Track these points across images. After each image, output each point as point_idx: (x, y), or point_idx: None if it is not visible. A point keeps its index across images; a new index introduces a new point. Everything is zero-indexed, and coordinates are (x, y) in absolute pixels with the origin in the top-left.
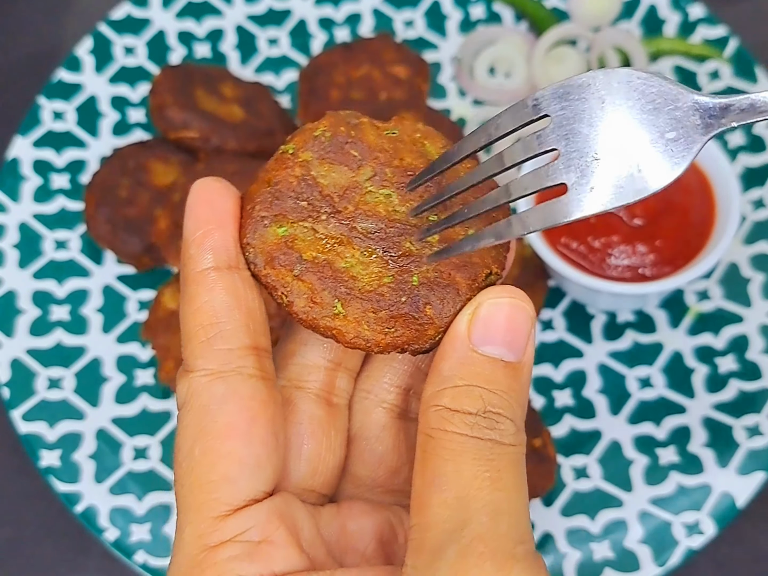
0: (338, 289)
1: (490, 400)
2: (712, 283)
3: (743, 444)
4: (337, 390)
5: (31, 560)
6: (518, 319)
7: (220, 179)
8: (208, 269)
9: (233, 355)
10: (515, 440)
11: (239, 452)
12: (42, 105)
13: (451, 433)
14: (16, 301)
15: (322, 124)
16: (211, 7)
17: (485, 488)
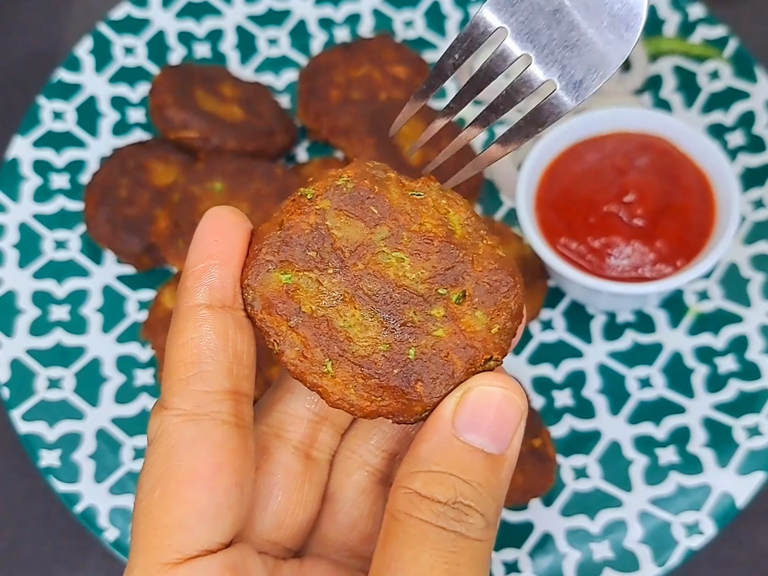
0: (331, 348)
1: (463, 491)
2: (712, 283)
3: (743, 444)
4: (318, 444)
5: (30, 560)
6: (507, 411)
7: (236, 211)
8: (201, 305)
9: (209, 398)
10: (482, 535)
11: (199, 500)
12: (42, 105)
13: (416, 518)
14: (15, 301)
15: (347, 173)
16: (211, 7)
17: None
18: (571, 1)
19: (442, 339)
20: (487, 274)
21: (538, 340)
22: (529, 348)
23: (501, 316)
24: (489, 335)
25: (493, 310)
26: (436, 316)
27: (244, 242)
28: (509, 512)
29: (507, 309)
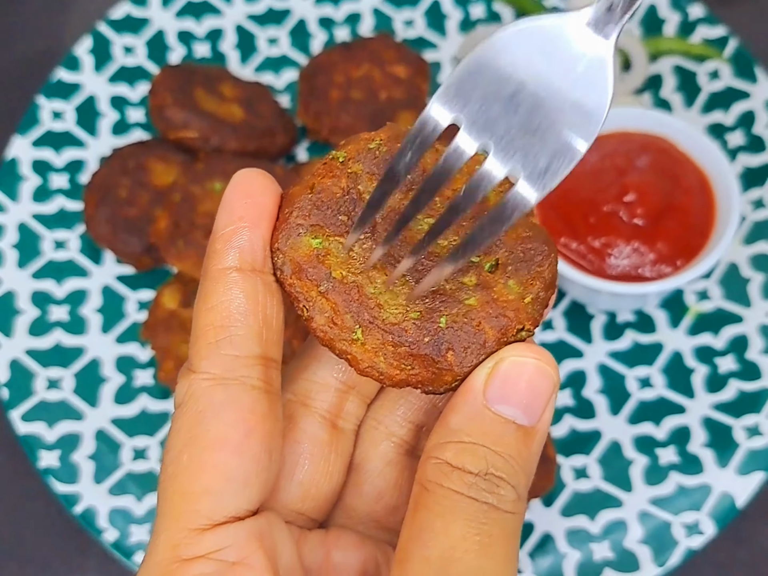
0: (362, 314)
1: (495, 462)
2: (712, 283)
3: (743, 444)
4: (345, 413)
5: (30, 561)
6: (540, 382)
7: (265, 173)
8: (230, 268)
9: (239, 363)
10: (514, 508)
11: (228, 466)
12: (41, 104)
13: (447, 489)
14: (15, 302)
15: (379, 137)
16: (211, 7)
17: (472, 552)
18: (530, 79)
19: (474, 308)
20: (520, 243)
21: (538, 340)
22: None
23: (534, 286)
24: (522, 305)
25: (526, 279)
26: (468, 284)
27: (274, 205)
28: None
29: (541, 278)
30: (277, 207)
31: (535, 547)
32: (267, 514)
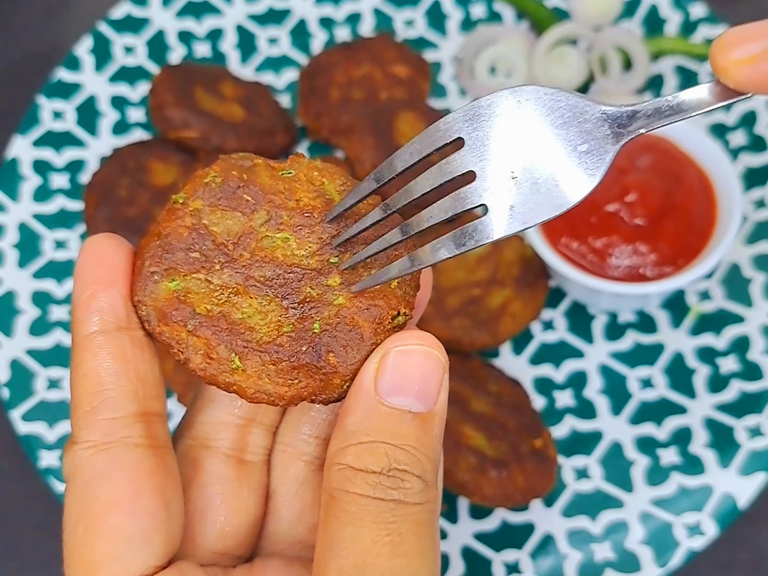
0: (235, 342)
1: (396, 456)
2: (714, 284)
3: (744, 445)
4: (250, 447)
5: (30, 560)
6: (428, 367)
7: (112, 235)
8: (95, 333)
9: (118, 425)
10: (422, 498)
11: (122, 528)
12: (41, 104)
13: (353, 494)
14: (15, 301)
15: (213, 170)
16: (211, 7)
17: (384, 555)
18: (537, 133)
19: (344, 306)
20: (380, 228)
21: (539, 341)
22: (531, 348)
23: None
24: (390, 290)
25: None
26: (333, 285)
27: (126, 262)
28: (511, 513)
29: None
30: (130, 264)
31: (536, 548)
32: (178, 565)
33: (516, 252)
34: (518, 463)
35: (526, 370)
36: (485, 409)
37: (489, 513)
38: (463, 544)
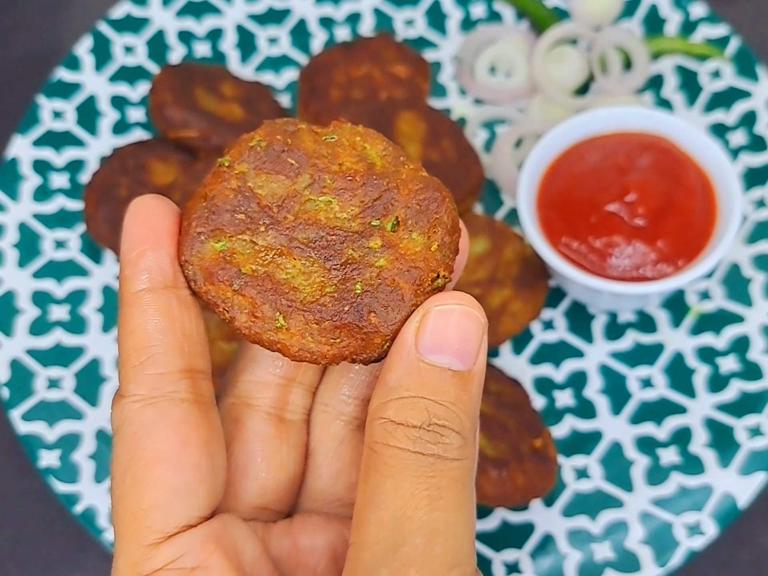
0: (279, 301)
1: (436, 411)
2: (714, 283)
3: (744, 444)
4: (290, 406)
5: (30, 560)
6: (468, 327)
7: (159, 196)
8: (143, 290)
9: (165, 380)
10: (460, 454)
11: (169, 479)
12: (41, 104)
13: (393, 447)
14: (15, 301)
15: (258, 134)
16: (211, 6)
17: (422, 508)
18: None
19: (385, 268)
20: (414, 196)
21: (539, 340)
22: (531, 348)
23: (437, 233)
24: (430, 253)
25: (428, 228)
26: (374, 247)
27: (173, 223)
28: (510, 513)
29: (441, 224)
30: (177, 224)
31: (536, 548)
32: (221, 516)
33: (516, 252)
34: (518, 462)
35: (526, 369)
36: (485, 409)
37: (489, 513)
38: None
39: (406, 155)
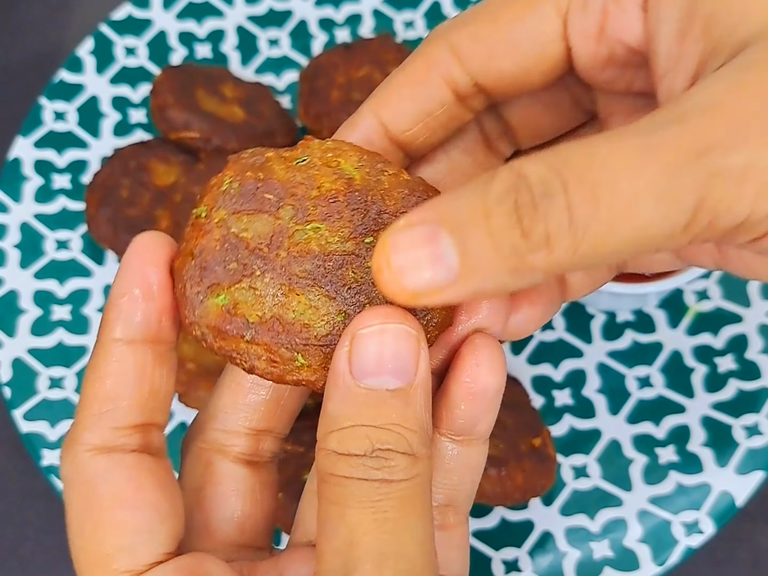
0: (294, 341)
1: (378, 437)
2: (712, 283)
3: (742, 443)
4: (261, 452)
5: (32, 560)
6: (396, 342)
7: (163, 236)
8: (120, 340)
9: (119, 434)
10: (409, 473)
11: (129, 521)
12: (43, 105)
13: (338, 476)
14: (17, 301)
15: (227, 175)
16: (212, 8)
17: (370, 533)
18: None
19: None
20: (402, 203)
21: (537, 340)
22: (529, 348)
23: None
24: None
25: None
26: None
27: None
28: (509, 511)
29: None
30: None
31: (534, 546)
32: (196, 554)
33: None
34: (517, 461)
35: (525, 369)
36: None
37: (488, 511)
38: None
39: (384, 159)
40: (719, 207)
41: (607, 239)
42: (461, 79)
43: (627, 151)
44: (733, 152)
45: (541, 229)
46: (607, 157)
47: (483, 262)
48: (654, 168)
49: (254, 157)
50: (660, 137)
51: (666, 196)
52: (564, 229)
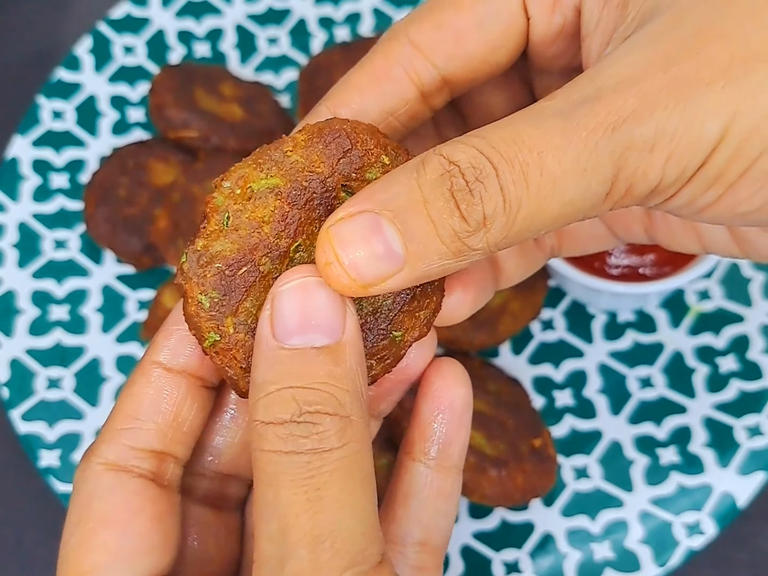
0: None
1: (305, 398)
2: (713, 283)
3: (744, 444)
4: (226, 498)
5: (30, 560)
6: (319, 297)
7: None
8: (160, 364)
9: (132, 454)
10: (341, 439)
11: (113, 544)
12: (41, 104)
13: (268, 452)
14: (15, 301)
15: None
16: (211, 6)
17: (302, 514)
18: None
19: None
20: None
21: (538, 340)
22: (530, 348)
23: None
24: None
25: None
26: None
27: None
28: (510, 512)
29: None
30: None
31: (535, 547)
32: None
33: None
34: (518, 462)
35: (526, 369)
36: (484, 409)
37: (488, 512)
38: (463, 544)
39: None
40: (635, 176)
41: (537, 216)
42: (426, 73)
43: (550, 132)
44: (642, 124)
45: (479, 212)
46: (532, 139)
47: (427, 247)
48: (575, 146)
49: (191, 261)
50: (578, 116)
51: (587, 171)
52: (499, 210)
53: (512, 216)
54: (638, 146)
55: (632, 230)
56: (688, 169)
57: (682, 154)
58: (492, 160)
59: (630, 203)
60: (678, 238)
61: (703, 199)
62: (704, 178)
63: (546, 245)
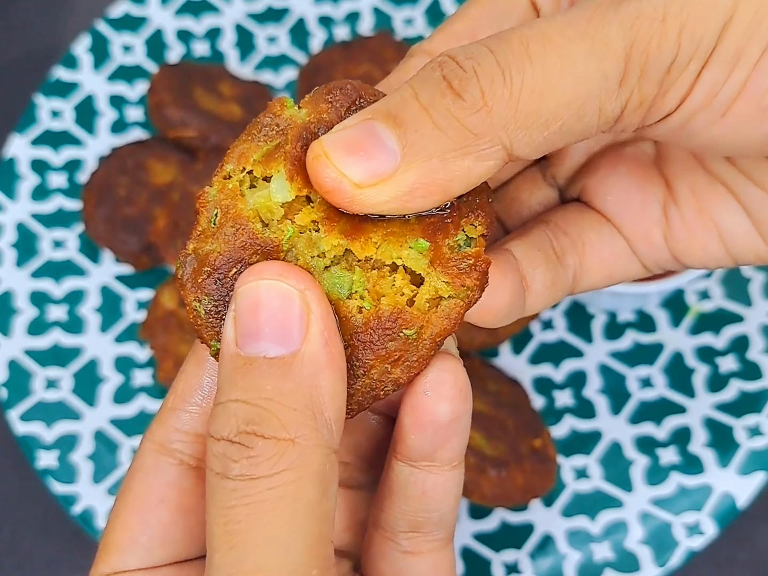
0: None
1: (246, 414)
2: (713, 283)
3: (744, 444)
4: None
5: (29, 561)
6: (271, 302)
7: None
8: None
9: (178, 436)
10: (272, 467)
11: (135, 528)
12: (39, 103)
13: (209, 470)
14: (13, 301)
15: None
16: (210, 5)
17: (220, 548)
18: None
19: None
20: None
21: (538, 340)
22: (530, 348)
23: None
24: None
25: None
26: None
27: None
28: (510, 513)
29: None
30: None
31: (535, 548)
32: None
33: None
34: (517, 462)
35: (526, 369)
36: (484, 409)
37: (488, 513)
38: (463, 544)
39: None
40: (649, 48)
41: (548, 93)
42: None
43: (553, 17)
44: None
45: (474, 86)
46: (533, 23)
47: (424, 137)
48: (581, 21)
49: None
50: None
51: (598, 45)
52: (498, 82)
53: (515, 90)
54: (649, 15)
55: (652, 238)
56: (704, 43)
57: (696, 24)
58: (488, 44)
59: (646, 98)
60: (697, 236)
61: (728, 86)
62: (724, 58)
63: (569, 264)
